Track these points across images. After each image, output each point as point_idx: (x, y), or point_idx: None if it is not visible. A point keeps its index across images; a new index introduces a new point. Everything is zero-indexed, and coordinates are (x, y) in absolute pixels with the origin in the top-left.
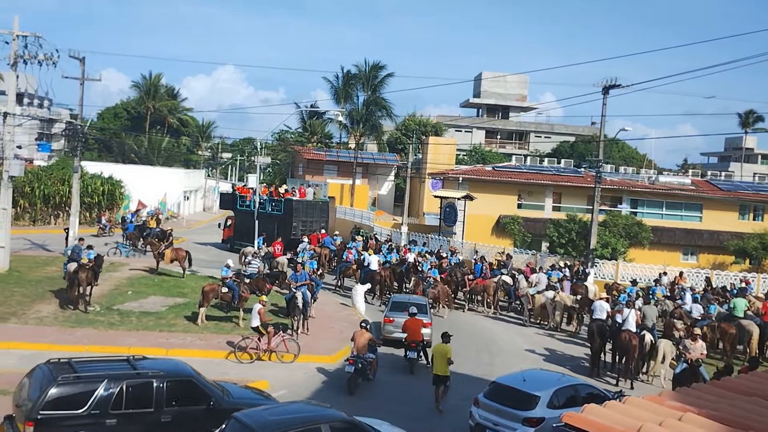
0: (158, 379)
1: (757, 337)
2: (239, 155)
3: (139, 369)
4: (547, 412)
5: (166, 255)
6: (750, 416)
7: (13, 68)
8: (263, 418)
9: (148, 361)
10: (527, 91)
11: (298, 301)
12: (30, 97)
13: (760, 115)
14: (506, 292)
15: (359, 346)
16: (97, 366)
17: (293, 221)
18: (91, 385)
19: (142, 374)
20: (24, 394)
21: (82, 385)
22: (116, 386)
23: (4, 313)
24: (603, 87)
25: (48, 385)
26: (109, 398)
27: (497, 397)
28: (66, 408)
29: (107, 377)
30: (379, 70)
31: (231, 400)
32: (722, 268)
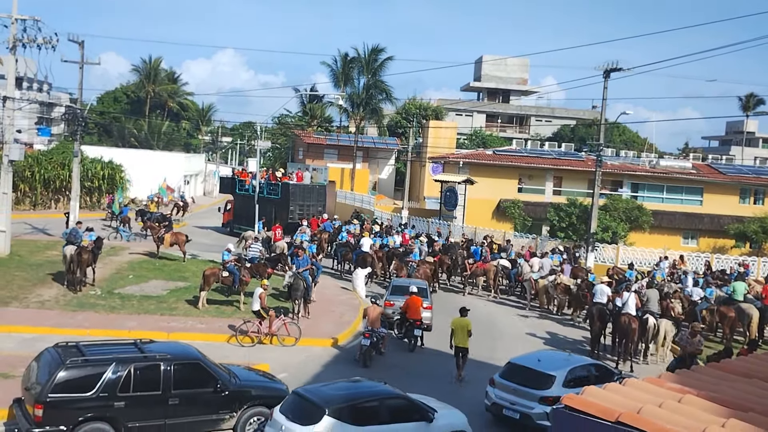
0: (165, 362)
1: (756, 320)
2: (239, 139)
3: (147, 352)
4: (563, 391)
5: (166, 239)
6: (750, 398)
7: (12, 52)
8: (325, 393)
9: (155, 345)
10: (528, 74)
11: (300, 286)
12: (29, 81)
13: (761, 98)
14: (506, 275)
15: (372, 320)
16: (105, 349)
17: (290, 205)
18: (100, 368)
19: (150, 357)
20: (33, 378)
21: (90, 368)
22: (124, 369)
23: (5, 297)
24: (604, 70)
25: (57, 368)
26: (117, 381)
27: (513, 377)
28: (75, 391)
29: (115, 360)
30: (379, 53)
31: (238, 383)
32: (722, 252)
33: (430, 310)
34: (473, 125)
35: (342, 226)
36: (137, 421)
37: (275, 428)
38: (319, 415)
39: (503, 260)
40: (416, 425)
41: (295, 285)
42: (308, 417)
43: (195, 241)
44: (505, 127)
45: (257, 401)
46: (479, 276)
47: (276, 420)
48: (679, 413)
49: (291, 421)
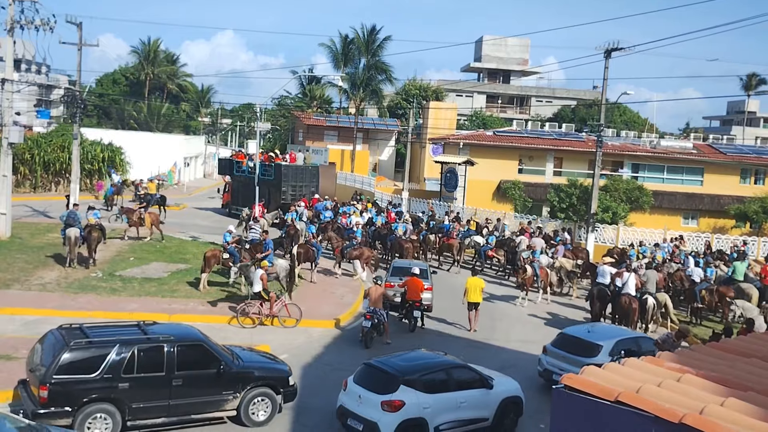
0: (169, 343)
1: (756, 299)
2: (239, 121)
3: (150, 334)
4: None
5: (147, 220)
6: (748, 377)
7: (10, 34)
8: (397, 364)
9: (159, 326)
10: (528, 54)
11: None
12: (28, 63)
13: (763, 78)
14: (477, 252)
15: (374, 300)
16: (109, 331)
17: (282, 186)
18: (103, 349)
19: (153, 339)
20: (37, 359)
21: (94, 350)
22: (128, 351)
23: (6, 280)
24: (605, 50)
25: (61, 350)
26: (121, 362)
27: (563, 346)
28: (79, 372)
29: (119, 342)
30: (378, 33)
31: (241, 364)
32: (723, 232)
33: (430, 291)
34: (473, 106)
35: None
36: (141, 402)
37: (352, 397)
38: (395, 385)
39: (477, 237)
40: (478, 392)
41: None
42: (384, 386)
43: (195, 224)
44: (506, 108)
45: (260, 382)
46: (445, 251)
47: (351, 390)
48: (678, 392)
49: (368, 390)
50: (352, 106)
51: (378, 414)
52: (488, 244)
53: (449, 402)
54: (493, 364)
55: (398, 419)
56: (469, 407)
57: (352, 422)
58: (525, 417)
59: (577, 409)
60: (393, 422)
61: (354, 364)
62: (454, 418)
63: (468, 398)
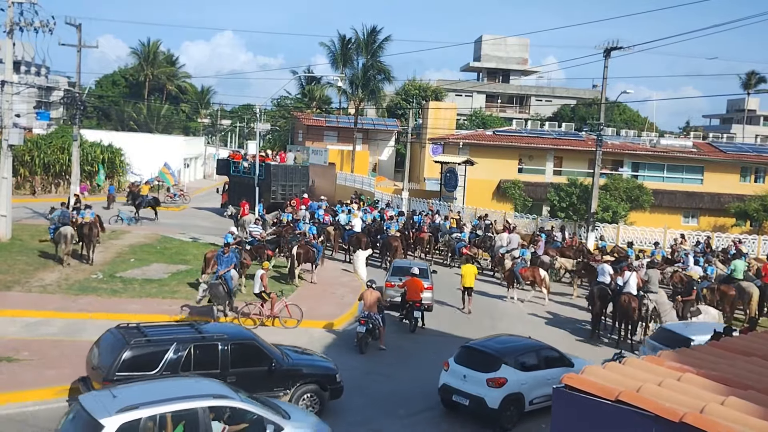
0: (223, 341)
1: (757, 298)
2: (239, 122)
3: (204, 332)
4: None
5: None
6: (749, 376)
7: (10, 36)
8: (496, 347)
9: (211, 325)
10: (528, 54)
11: (219, 292)
12: (27, 64)
13: (763, 76)
14: (451, 248)
15: (369, 305)
16: (164, 330)
17: (272, 186)
18: (162, 347)
19: (208, 337)
20: (98, 357)
21: (153, 348)
22: (184, 349)
23: (7, 282)
24: (604, 49)
25: (122, 348)
26: (178, 360)
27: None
28: (140, 369)
29: (176, 340)
30: (377, 34)
31: (290, 362)
32: (723, 231)
33: (431, 291)
34: (473, 106)
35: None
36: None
37: (455, 376)
38: (498, 364)
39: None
40: (562, 369)
41: (213, 292)
42: (487, 366)
43: (195, 224)
44: (505, 108)
45: (309, 379)
46: (418, 244)
47: (454, 369)
48: (678, 391)
49: (473, 370)
50: (352, 107)
51: (484, 390)
52: (463, 241)
53: (540, 379)
54: None
55: (502, 394)
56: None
57: (457, 398)
58: (527, 417)
59: (578, 409)
60: (498, 397)
61: (356, 365)
62: (543, 393)
63: (554, 375)
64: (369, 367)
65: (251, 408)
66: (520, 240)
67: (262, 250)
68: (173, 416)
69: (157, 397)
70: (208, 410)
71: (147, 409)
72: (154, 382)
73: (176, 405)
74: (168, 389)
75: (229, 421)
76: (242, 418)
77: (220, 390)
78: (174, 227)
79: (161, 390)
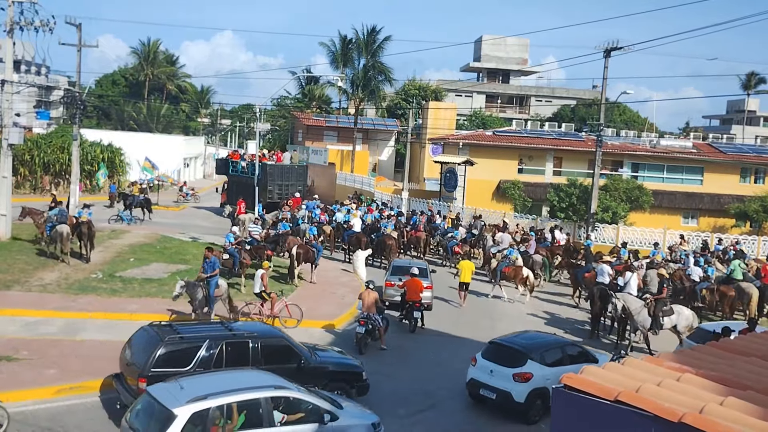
0: (253, 339)
1: (756, 299)
2: (239, 122)
3: (235, 330)
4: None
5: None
6: (748, 376)
7: (10, 35)
8: (522, 343)
9: (240, 323)
10: (528, 54)
11: (197, 294)
12: (27, 64)
13: (763, 77)
14: (444, 247)
15: (367, 305)
16: (197, 327)
17: (268, 185)
18: (195, 344)
19: (238, 335)
20: (132, 354)
21: (186, 345)
22: (217, 346)
23: (7, 281)
24: (604, 49)
25: (156, 345)
26: (211, 357)
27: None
28: (174, 365)
29: (209, 338)
30: (377, 34)
31: (318, 359)
32: (723, 232)
33: (430, 290)
34: (473, 106)
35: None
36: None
37: (483, 371)
38: (523, 359)
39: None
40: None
41: (191, 292)
42: (513, 360)
43: (195, 224)
44: (505, 108)
45: (336, 376)
46: (413, 243)
47: (481, 364)
48: (677, 391)
49: (499, 365)
50: (352, 107)
51: (510, 384)
52: (454, 239)
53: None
54: None
55: (528, 389)
56: None
57: (484, 392)
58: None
59: (577, 409)
60: (524, 391)
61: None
62: None
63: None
64: (369, 366)
65: (308, 398)
66: (510, 239)
67: (261, 251)
68: (238, 406)
69: (222, 388)
70: (270, 400)
71: (215, 399)
72: (216, 374)
73: (241, 395)
74: (230, 381)
75: (288, 411)
76: (300, 408)
77: (279, 381)
78: (174, 227)
79: (224, 381)
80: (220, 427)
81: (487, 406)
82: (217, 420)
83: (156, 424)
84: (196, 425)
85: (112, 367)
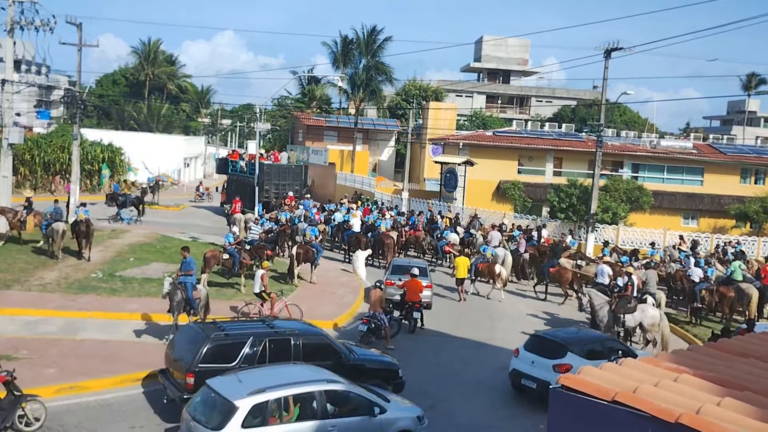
0: (294, 336)
1: (756, 299)
2: (239, 122)
3: (276, 328)
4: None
5: (29, 221)
6: (746, 377)
7: (10, 35)
8: (562, 336)
9: (280, 321)
10: (528, 55)
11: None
12: (28, 63)
13: (763, 78)
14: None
15: (373, 304)
16: (240, 325)
17: (265, 185)
18: (240, 341)
19: (280, 332)
20: (179, 350)
21: (231, 341)
22: (260, 343)
23: (7, 280)
24: (605, 50)
25: (203, 341)
26: (255, 353)
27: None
28: (220, 361)
29: (252, 335)
30: (378, 34)
31: (356, 357)
32: (723, 232)
33: (430, 289)
34: (473, 106)
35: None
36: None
37: (525, 362)
38: (563, 352)
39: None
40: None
41: (171, 294)
42: (554, 352)
43: (195, 224)
44: (506, 108)
45: (374, 374)
46: (412, 243)
47: (524, 356)
48: (675, 392)
49: (540, 356)
50: (352, 107)
51: (551, 375)
52: (444, 239)
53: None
54: (494, 364)
55: None
56: None
57: (526, 382)
58: (523, 418)
59: (574, 410)
60: None
61: None
62: None
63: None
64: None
65: (359, 392)
66: (500, 238)
67: (261, 251)
68: (294, 398)
69: (279, 381)
70: (324, 393)
71: (273, 392)
72: (271, 368)
73: (297, 389)
74: (285, 375)
75: (340, 404)
76: (351, 401)
77: (331, 375)
78: (174, 226)
79: (280, 375)
80: (278, 418)
81: (485, 405)
82: (274, 412)
83: (218, 415)
84: (256, 417)
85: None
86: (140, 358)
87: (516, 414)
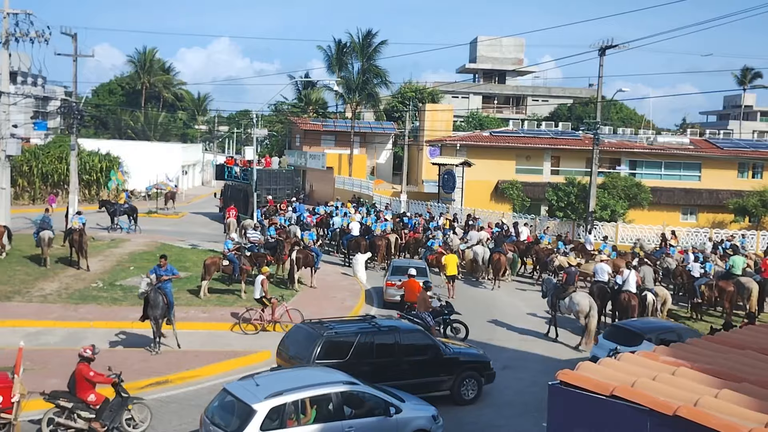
0: (396, 333)
1: (756, 293)
2: (236, 128)
3: (381, 326)
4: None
5: None
6: (744, 369)
7: (5, 46)
8: (638, 325)
9: (381, 320)
10: (523, 54)
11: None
12: (23, 75)
13: (758, 72)
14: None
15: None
16: (346, 324)
17: (256, 189)
18: (350, 338)
19: (384, 329)
20: (293, 349)
21: (343, 339)
22: (367, 339)
23: (7, 292)
24: (599, 48)
25: (317, 339)
26: (362, 349)
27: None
28: (334, 357)
29: (360, 332)
30: (373, 37)
31: (451, 351)
32: (722, 227)
33: None
34: (470, 107)
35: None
36: (379, 382)
37: (604, 349)
38: (639, 340)
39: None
40: None
41: (153, 300)
42: (630, 340)
43: (195, 231)
44: (502, 108)
45: (468, 366)
46: (411, 245)
47: (603, 344)
48: (673, 385)
49: (617, 344)
50: (349, 110)
51: None
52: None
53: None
54: (495, 364)
55: None
56: None
57: None
58: (527, 415)
59: (573, 405)
60: None
61: None
62: None
63: None
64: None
65: (374, 393)
66: (480, 236)
67: (261, 259)
68: (311, 401)
69: (295, 384)
70: (340, 395)
71: (290, 395)
72: (287, 371)
73: (313, 391)
74: (302, 378)
75: (356, 405)
76: (367, 402)
77: (347, 377)
78: (173, 234)
79: (296, 378)
80: (295, 420)
81: (489, 405)
82: (292, 414)
83: (236, 419)
84: (274, 420)
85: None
86: (142, 367)
87: (520, 413)
